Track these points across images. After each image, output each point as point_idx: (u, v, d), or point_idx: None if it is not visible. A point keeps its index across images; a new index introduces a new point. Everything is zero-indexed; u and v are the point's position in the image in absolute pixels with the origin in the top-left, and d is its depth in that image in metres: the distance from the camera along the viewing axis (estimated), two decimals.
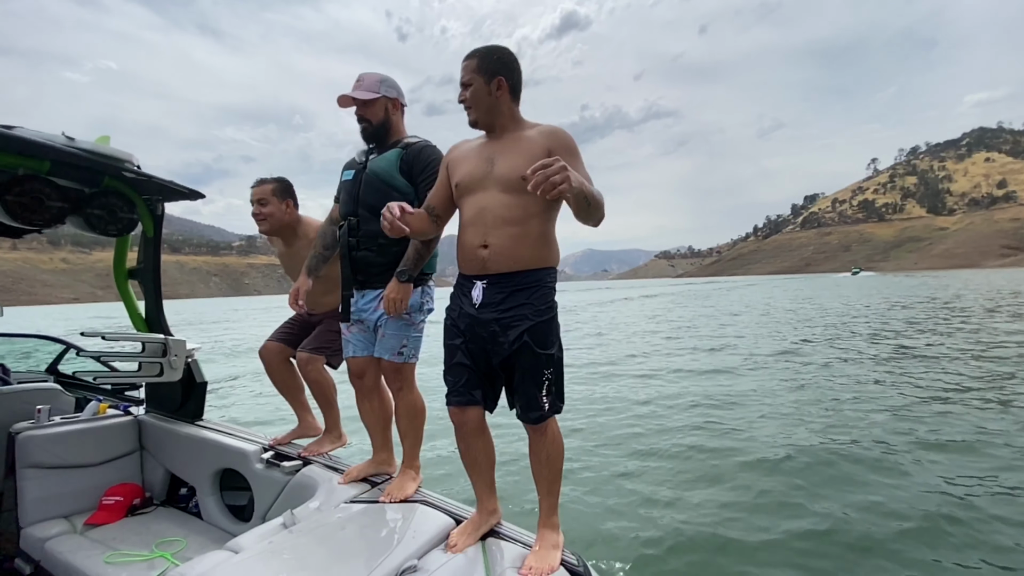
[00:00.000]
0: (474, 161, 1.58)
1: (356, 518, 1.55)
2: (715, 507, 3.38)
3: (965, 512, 3.15)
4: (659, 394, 6.70)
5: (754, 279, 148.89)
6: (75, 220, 2.13)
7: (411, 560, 1.30)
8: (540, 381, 1.49)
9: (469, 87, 1.57)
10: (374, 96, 1.85)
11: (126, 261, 2.47)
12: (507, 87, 1.56)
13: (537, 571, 1.33)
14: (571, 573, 1.35)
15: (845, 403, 5.96)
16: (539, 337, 1.48)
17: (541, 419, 1.51)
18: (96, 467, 2.29)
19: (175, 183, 2.21)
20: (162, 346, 2.28)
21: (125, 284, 2.48)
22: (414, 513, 1.59)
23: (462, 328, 1.57)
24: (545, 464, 1.54)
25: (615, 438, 4.89)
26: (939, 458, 4.10)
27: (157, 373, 2.27)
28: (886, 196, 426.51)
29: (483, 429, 1.61)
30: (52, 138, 1.83)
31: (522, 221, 1.50)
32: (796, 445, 4.46)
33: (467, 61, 1.58)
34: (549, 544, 1.44)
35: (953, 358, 8.56)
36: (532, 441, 1.56)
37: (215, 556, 1.29)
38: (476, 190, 1.55)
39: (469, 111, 1.59)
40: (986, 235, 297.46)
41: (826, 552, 2.82)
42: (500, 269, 1.51)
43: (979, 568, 2.64)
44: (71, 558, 1.85)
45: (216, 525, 2.17)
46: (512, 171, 1.48)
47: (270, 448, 2.12)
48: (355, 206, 1.87)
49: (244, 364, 11.27)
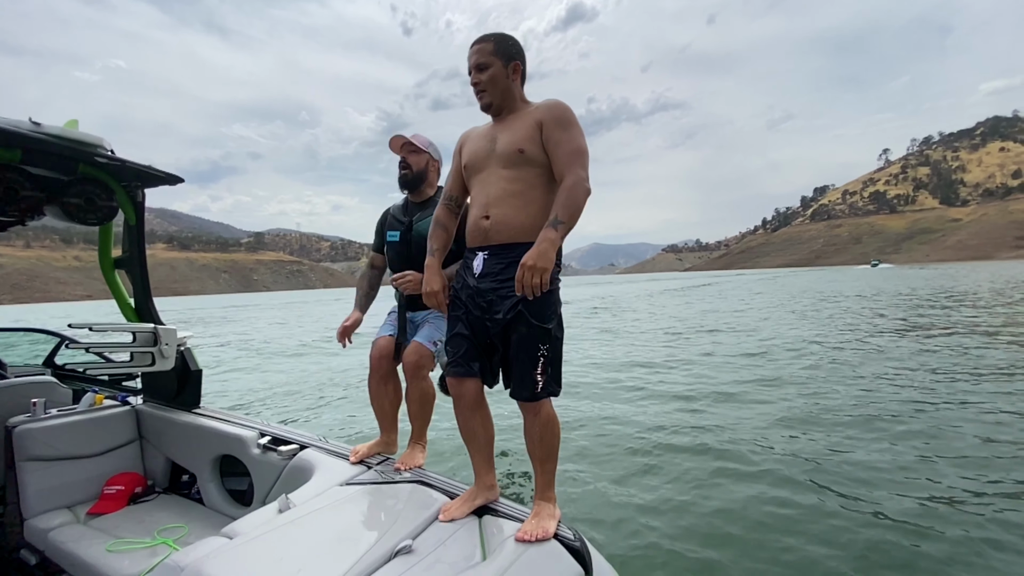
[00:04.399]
0: (479, 142, 1.64)
1: (352, 500, 1.55)
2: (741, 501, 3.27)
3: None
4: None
5: (770, 272, 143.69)
6: (53, 210, 2.10)
7: (406, 540, 1.29)
8: (535, 356, 1.47)
9: (486, 69, 1.58)
10: (423, 149, 2.08)
11: (111, 251, 2.45)
12: (521, 72, 1.62)
13: (532, 534, 1.34)
14: (567, 548, 1.34)
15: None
16: (535, 308, 1.46)
17: (533, 398, 1.49)
18: (96, 457, 2.31)
19: (152, 168, 2.16)
20: (152, 335, 2.27)
21: (112, 274, 2.46)
22: (410, 493, 1.58)
23: (463, 299, 1.59)
24: (538, 444, 1.55)
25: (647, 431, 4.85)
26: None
27: (149, 362, 2.27)
28: (898, 187, 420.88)
29: (481, 403, 1.62)
30: (18, 124, 1.76)
31: (522, 193, 1.53)
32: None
33: (481, 44, 1.59)
34: (545, 513, 1.44)
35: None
36: (526, 420, 1.56)
37: (211, 542, 1.29)
38: (481, 168, 1.60)
39: (483, 95, 1.60)
40: (1000, 226, 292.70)
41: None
42: (501, 240, 1.54)
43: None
44: (74, 547, 1.87)
45: (218, 510, 2.19)
46: (510, 146, 1.54)
47: (267, 435, 2.12)
48: (407, 266, 2.01)
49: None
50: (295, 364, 10.46)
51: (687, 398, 5.95)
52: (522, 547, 1.31)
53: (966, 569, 2.54)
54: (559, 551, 1.32)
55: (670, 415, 5.28)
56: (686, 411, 5.41)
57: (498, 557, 1.27)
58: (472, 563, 1.26)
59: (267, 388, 7.93)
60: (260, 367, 10.24)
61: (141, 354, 2.25)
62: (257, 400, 7.18)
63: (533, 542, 1.32)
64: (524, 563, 1.25)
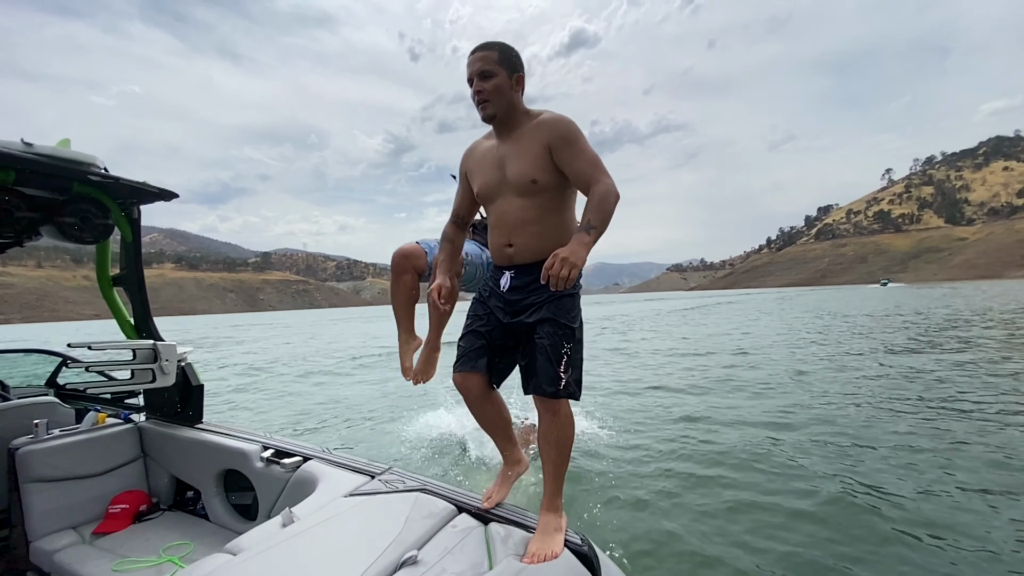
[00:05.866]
0: (488, 170, 1.63)
1: (356, 511, 1.54)
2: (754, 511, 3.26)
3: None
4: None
5: (778, 291, 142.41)
6: (49, 230, 2.10)
7: (412, 550, 1.27)
8: (559, 354, 1.51)
9: (491, 78, 1.54)
10: None
11: (109, 269, 2.45)
12: (522, 83, 1.61)
13: (540, 556, 1.32)
14: (576, 554, 1.33)
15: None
16: (562, 310, 1.54)
17: (556, 394, 1.50)
18: (100, 476, 2.30)
19: (146, 184, 2.15)
20: (152, 351, 2.27)
21: (111, 292, 2.46)
22: (415, 503, 1.56)
23: (486, 298, 1.70)
24: (554, 446, 1.55)
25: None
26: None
27: (150, 379, 2.27)
28: (902, 207, 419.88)
29: (487, 394, 1.69)
30: (9, 144, 1.75)
31: (540, 219, 1.58)
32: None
33: (485, 52, 1.56)
34: (551, 528, 1.43)
35: None
36: (542, 421, 1.56)
37: (214, 559, 1.29)
38: (495, 197, 1.63)
39: (487, 105, 1.56)
40: (1007, 245, 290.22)
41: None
42: (526, 260, 1.60)
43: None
44: (80, 568, 1.86)
45: (224, 526, 2.18)
46: (522, 177, 1.56)
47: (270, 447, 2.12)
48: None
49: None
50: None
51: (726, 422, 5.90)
52: None
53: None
54: (567, 557, 1.32)
55: (682, 432, 5.24)
56: (700, 429, 5.36)
57: (504, 566, 1.26)
58: (479, 572, 1.25)
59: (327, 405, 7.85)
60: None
61: (142, 371, 2.26)
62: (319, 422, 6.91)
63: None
64: (532, 571, 1.24)
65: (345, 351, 16.93)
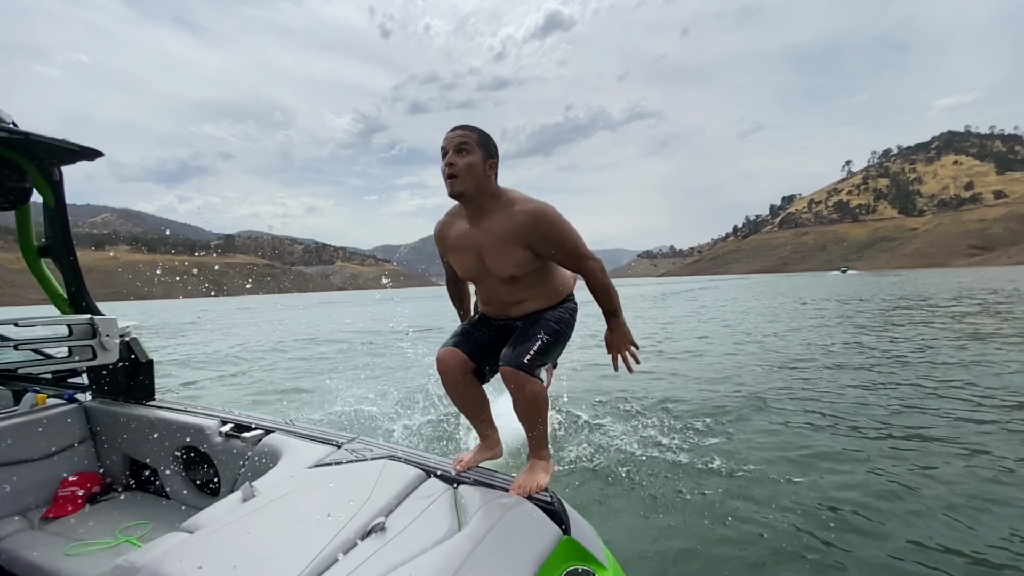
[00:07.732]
0: (467, 258, 1.70)
1: (321, 482, 1.50)
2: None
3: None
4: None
5: (747, 278, 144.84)
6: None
7: (379, 517, 1.25)
8: (536, 336, 1.62)
9: (467, 155, 1.53)
10: None
11: (33, 238, 2.27)
12: (495, 170, 1.62)
13: (526, 488, 1.42)
14: (546, 511, 1.34)
15: None
16: (550, 313, 1.74)
17: (519, 366, 1.56)
18: (45, 460, 2.19)
19: (66, 141, 1.96)
20: (89, 327, 2.14)
21: (38, 263, 2.29)
22: (381, 470, 1.53)
23: (493, 324, 1.85)
24: (524, 414, 1.65)
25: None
26: None
27: (90, 356, 2.15)
28: (860, 197, 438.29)
29: (464, 373, 1.74)
30: None
31: (528, 288, 1.71)
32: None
33: (465, 130, 1.56)
34: (538, 468, 1.54)
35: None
36: (512, 395, 1.64)
37: (170, 539, 1.25)
38: (480, 280, 1.76)
39: (454, 181, 1.53)
40: (954, 235, 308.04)
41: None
42: (521, 314, 1.78)
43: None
44: (29, 554, 1.78)
45: (184, 503, 2.12)
46: (504, 273, 1.65)
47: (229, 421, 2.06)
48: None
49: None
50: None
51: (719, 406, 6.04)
52: (498, 513, 1.31)
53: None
54: (536, 513, 1.33)
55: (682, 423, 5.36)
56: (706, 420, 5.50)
57: (474, 525, 1.26)
58: (448, 534, 1.24)
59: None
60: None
61: (80, 348, 2.13)
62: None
63: (513, 505, 1.34)
64: (501, 528, 1.25)
65: (346, 335, 16.50)
